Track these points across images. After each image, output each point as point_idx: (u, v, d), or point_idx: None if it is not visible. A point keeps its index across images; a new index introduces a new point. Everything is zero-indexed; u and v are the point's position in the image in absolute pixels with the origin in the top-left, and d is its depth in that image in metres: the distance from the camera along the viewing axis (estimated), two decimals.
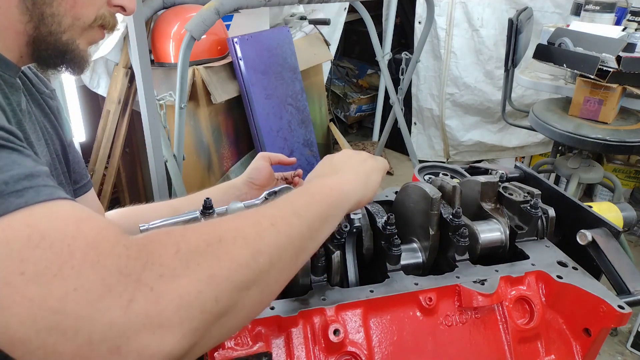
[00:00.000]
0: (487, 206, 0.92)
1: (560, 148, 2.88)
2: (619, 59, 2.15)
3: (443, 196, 0.86)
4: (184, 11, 2.41)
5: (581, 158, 2.52)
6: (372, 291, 0.73)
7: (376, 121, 4.44)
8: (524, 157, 4.02)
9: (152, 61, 2.37)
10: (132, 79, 2.35)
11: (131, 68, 2.31)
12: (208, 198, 0.77)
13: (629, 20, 2.58)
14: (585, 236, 0.87)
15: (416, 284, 0.76)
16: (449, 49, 3.64)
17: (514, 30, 2.51)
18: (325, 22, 3.20)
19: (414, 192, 0.86)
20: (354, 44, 4.83)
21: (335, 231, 0.76)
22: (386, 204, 0.94)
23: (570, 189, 2.40)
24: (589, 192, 3.61)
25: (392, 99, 3.41)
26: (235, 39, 2.53)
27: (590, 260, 0.86)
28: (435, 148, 4.11)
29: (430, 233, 0.82)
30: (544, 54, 2.41)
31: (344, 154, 0.79)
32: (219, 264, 0.47)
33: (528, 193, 0.91)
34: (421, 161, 2.71)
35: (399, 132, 3.57)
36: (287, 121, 2.86)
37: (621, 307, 0.71)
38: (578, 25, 2.44)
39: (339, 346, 0.67)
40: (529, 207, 0.87)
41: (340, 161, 0.77)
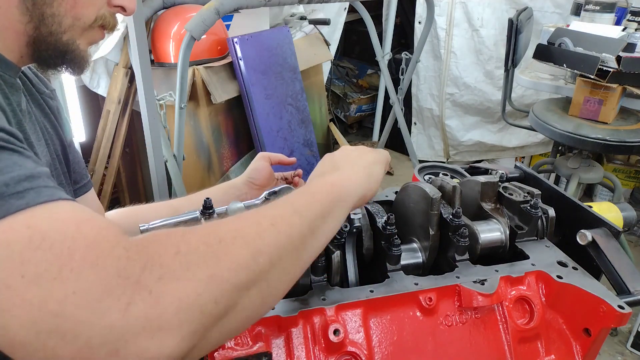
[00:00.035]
0: (487, 206, 0.92)
1: (560, 148, 2.88)
2: (619, 59, 2.15)
3: (443, 196, 0.86)
4: (184, 11, 2.41)
5: (581, 158, 2.52)
6: (372, 291, 0.73)
7: (376, 121, 4.44)
8: (524, 157, 4.02)
9: (152, 61, 2.37)
10: (132, 79, 2.35)
11: (131, 68, 2.31)
12: (208, 198, 0.77)
13: (629, 20, 2.58)
14: (585, 236, 0.87)
15: (416, 284, 0.76)
16: (449, 49, 3.64)
17: (514, 30, 2.51)
18: (325, 22, 3.20)
19: (414, 192, 0.86)
20: (354, 44, 4.83)
21: None
22: (386, 204, 0.94)
23: (570, 189, 2.40)
24: (589, 192, 3.61)
25: (392, 99, 3.41)
26: (235, 39, 2.53)
27: (590, 260, 0.86)
28: (435, 148, 4.11)
29: (430, 233, 0.82)
30: (544, 54, 2.41)
31: (343, 150, 0.78)
32: (219, 264, 0.47)
33: (528, 193, 0.91)
34: (421, 161, 2.71)
35: (399, 132, 3.57)
36: (287, 121, 2.86)
37: (621, 307, 0.71)
38: (578, 25, 2.44)
39: (339, 346, 0.67)
40: (529, 207, 0.87)
41: (340, 158, 0.76)
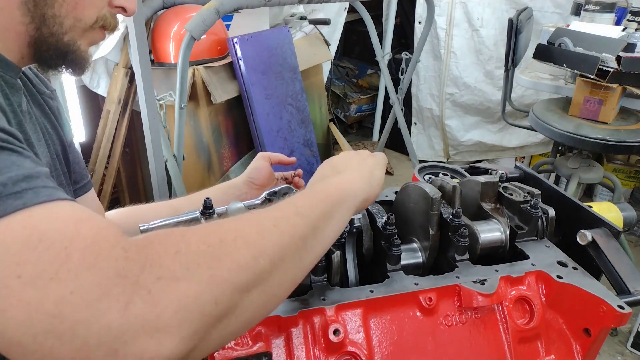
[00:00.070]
0: (487, 206, 0.92)
1: (560, 148, 2.88)
2: (619, 59, 2.15)
3: (443, 196, 0.86)
4: (184, 11, 2.41)
5: (581, 158, 2.52)
6: (372, 291, 0.73)
7: (376, 121, 4.44)
8: (524, 157, 4.02)
9: (152, 61, 2.37)
10: (132, 79, 2.35)
11: (131, 68, 2.31)
12: (208, 198, 0.77)
13: (629, 20, 2.57)
14: (585, 236, 0.87)
15: (416, 284, 0.76)
16: (449, 49, 3.64)
17: (514, 30, 2.51)
18: (325, 22, 3.20)
19: (414, 192, 0.86)
20: (354, 44, 4.83)
21: None
22: (386, 204, 0.94)
23: (570, 189, 2.40)
24: (589, 192, 3.61)
25: (392, 99, 3.41)
26: (235, 39, 2.53)
27: (590, 260, 0.86)
28: (435, 148, 4.11)
29: (430, 233, 0.82)
30: (544, 54, 2.41)
31: (343, 155, 0.79)
32: (219, 265, 0.46)
33: (528, 193, 0.91)
34: (421, 161, 2.71)
35: (399, 132, 3.57)
36: (287, 121, 2.86)
37: (621, 307, 0.71)
38: (578, 25, 2.44)
39: (339, 346, 0.67)
40: (529, 207, 0.87)
41: (340, 162, 0.76)
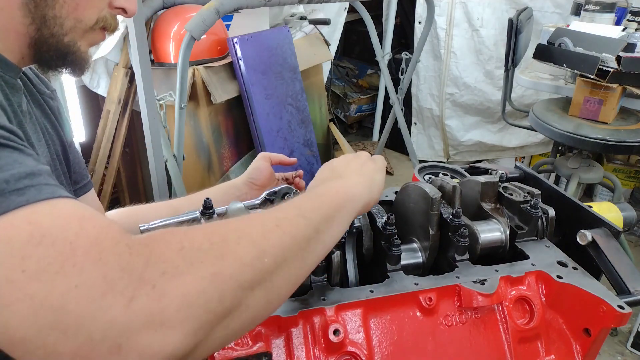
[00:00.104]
0: (487, 206, 0.92)
1: (560, 148, 2.88)
2: (619, 59, 2.15)
3: (443, 196, 0.86)
4: (184, 11, 2.41)
5: (581, 158, 2.52)
6: (372, 291, 0.73)
7: (376, 121, 4.44)
8: (524, 157, 4.02)
9: (152, 61, 2.37)
10: (132, 79, 2.35)
11: (131, 68, 2.31)
12: (208, 198, 0.77)
13: (629, 20, 2.58)
14: (585, 236, 0.87)
15: (416, 284, 0.76)
16: (449, 49, 3.64)
17: (514, 30, 2.51)
18: (325, 22, 3.20)
19: (414, 192, 0.86)
20: (354, 44, 4.83)
21: None
22: (386, 204, 0.94)
23: (570, 189, 2.40)
24: (589, 192, 3.61)
25: (392, 99, 3.41)
26: (235, 39, 2.53)
27: (590, 260, 0.86)
28: (435, 148, 4.11)
29: (430, 233, 0.82)
30: (544, 54, 2.41)
31: (343, 158, 0.79)
32: (223, 262, 0.46)
33: (528, 193, 0.91)
34: (421, 161, 2.71)
35: (399, 132, 3.57)
36: (287, 121, 2.86)
37: (621, 307, 0.71)
38: (578, 25, 2.44)
39: (339, 346, 0.67)
40: (529, 207, 0.87)
41: (340, 166, 0.77)
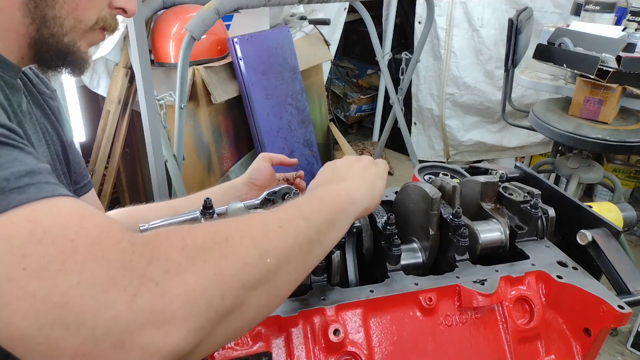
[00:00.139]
0: (487, 206, 0.92)
1: (560, 148, 2.88)
2: (619, 59, 2.15)
3: (443, 196, 0.86)
4: (184, 11, 2.41)
5: (581, 158, 2.52)
6: (372, 291, 0.73)
7: (376, 121, 4.44)
8: (524, 157, 4.02)
9: (152, 61, 2.37)
10: (132, 79, 2.35)
11: (131, 68, 2.31)
12: (208, 198, 0.77)
13: (629, 20, 2.58)
14: (585, 236, 0.87)
15: (416, 284, 0.76)
16: (449, 49, 3.64)
17: (514, 30, 2.51)
18: (325, 22, 3.20)
19: (414, 192, 0.86)
20: (354, 44, 4.83)
21: None
22: (386, 204, 0.94)
23: (570, 189, 2.40)
24: (589, 192, 3.61)
25: (392, 99, 3.41)
26: (235, 39, 2.53)
27: (590, 260, 0.86)
28: (435, 148, 4.11)
29: (430, 233, 0.82)
30: (544, 54, 2.41)
31: (345, 160, 0.79)
32: (226, 261, 0.47)
33: (528, 193, 0.91)
34: (421, 161, 2.71)
35: (399, 132, 3.57)
36: (287, 121, 2.86)
37: (621, 307, 0.71)
38: (578, 25, 2.44)
39: (339, 346, 0.67)
40: (529, 207, 0.87)
41: (342, 168, 0.77)
